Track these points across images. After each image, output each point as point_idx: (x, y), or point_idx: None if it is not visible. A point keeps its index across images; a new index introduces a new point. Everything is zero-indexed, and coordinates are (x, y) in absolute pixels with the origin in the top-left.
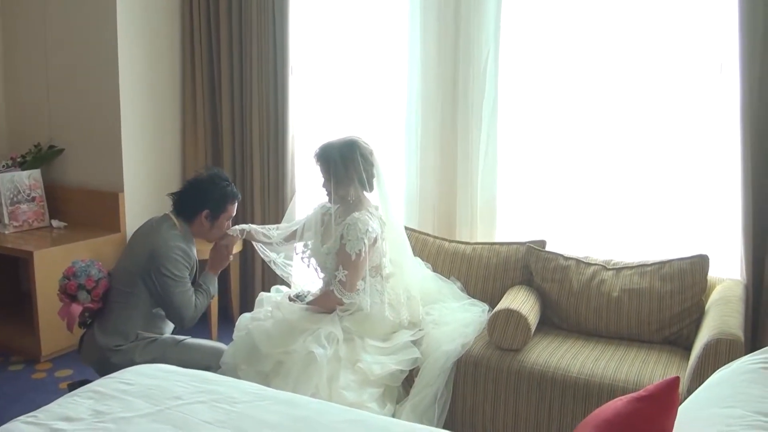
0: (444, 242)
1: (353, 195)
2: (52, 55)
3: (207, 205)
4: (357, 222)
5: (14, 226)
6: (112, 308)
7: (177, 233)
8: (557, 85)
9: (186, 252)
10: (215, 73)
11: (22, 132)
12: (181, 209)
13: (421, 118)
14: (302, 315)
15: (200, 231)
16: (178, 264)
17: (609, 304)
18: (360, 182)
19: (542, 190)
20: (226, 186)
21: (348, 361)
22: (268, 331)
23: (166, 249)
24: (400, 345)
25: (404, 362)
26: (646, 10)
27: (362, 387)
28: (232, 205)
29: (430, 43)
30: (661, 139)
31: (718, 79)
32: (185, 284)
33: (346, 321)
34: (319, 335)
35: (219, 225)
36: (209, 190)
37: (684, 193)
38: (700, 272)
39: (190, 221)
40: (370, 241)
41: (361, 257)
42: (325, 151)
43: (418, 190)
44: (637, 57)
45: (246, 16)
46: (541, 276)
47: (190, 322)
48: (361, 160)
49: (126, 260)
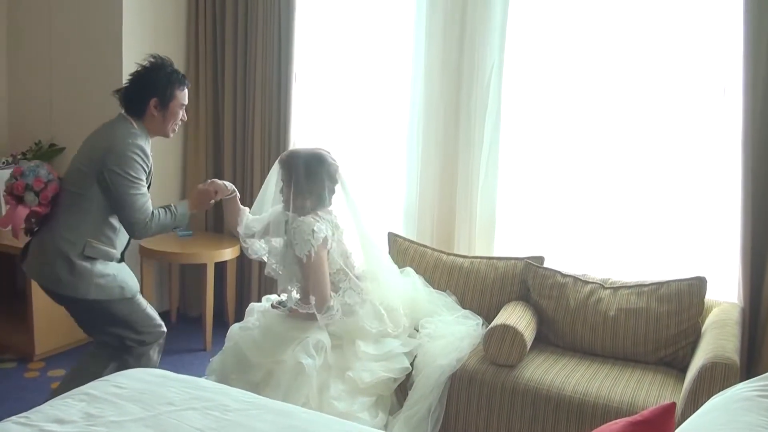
0: (442, 255)
1: (309, 207)
2: (56, 53)
3: (154, 93)
4: (301, 224)
5: None
6: (61, 212)
7: (134, 131)
8: (560, 102)
9: (144, 150)
10: (218, 77)
11: (23, 130)
12: (129, 105)
13: (423, 130)
14: (290, 324)
15: (154, 125)
16: (135, 164)
17: (605, 323)
18: (319, 196)
19: (542, 205)
20: (171, 71)
21: (338, 369)
22: (256, 340)
23: (123, 146)
24: (391, 353)
25: (394, 370)
26: (651, 32)
27: (353, 396)
28: (181, 90)
29: (433, 56)
30: (663, 161)
31: (721, 102)
32: (141, 187)
33: (333, 326)
34: (308, 344)
35: (172, 113)
36: (153, 78)
37: (683, 214)
38: (697, 294)
39: (141, 116)
40: (317, 240)
41: (312, 258)
42: (290, 159)
43: (418, 201)
44: (640, 78)
45: (251, 23)
46: (538, 292)
47: (142, 230)
48: (326, 178)
49: (78, 160)
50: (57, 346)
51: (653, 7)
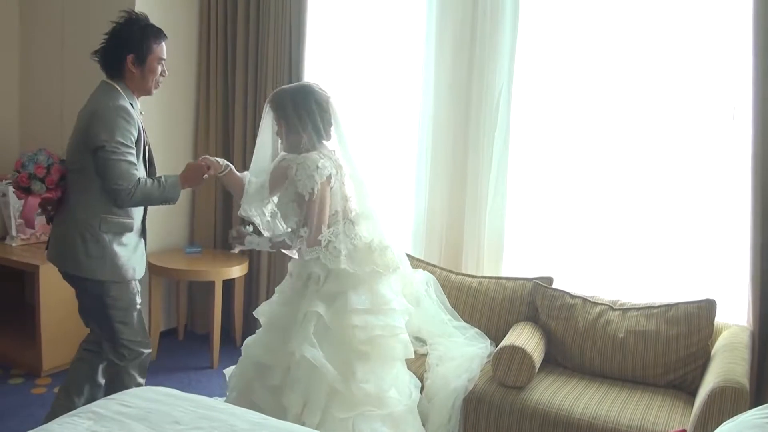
0: (450, 274)
1: (306, 143)
2: (68, 68)
3: (129, 48)
4: (305, 160)
5: (21, 239)
6: (71, 193)
7: (115, 93)
8: (569, 124)
9: (127, 111)
10: (229, 85)
11: (34, 145)
12: (107, 65)
13: (432, 150)
14: (286, 309)
15: (134, 83)
16: (118, 128)
17: (614, 345)
18: (314, 130)
19: (551, 226)
20: (145, 24)
21: (335, 330)
22: (263, 340)
23: (104, 110)
24: (384, 306)
25: (389, 327)
26: (659, 55)
27: (376, 373)
28: (158, 44)
29: (443, 77)
30: (672, 182)
31: (730, 123)
32: (125, 154)
33: (327, 284)
34: (306, 330)
35: (151, 69)
36: (127, 33)
37: (693, 236)
38: (707, 317)
39: (122, 76)
40: (321, 177)
41: (315, 196)
42: (277, 97)
43: (426, 221)
44: (649, 100)
45: (262, 38)
46: (547, 313)
47: (125, 198)
48: (316, 108)
49: (72, 137)
50: (65, 361)
51: (661, 30)
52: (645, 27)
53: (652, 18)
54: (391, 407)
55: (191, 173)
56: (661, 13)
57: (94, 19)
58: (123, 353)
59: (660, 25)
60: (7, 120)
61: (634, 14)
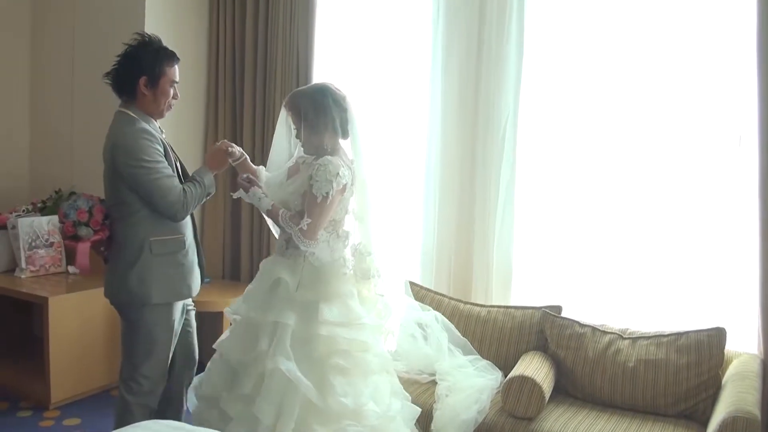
0: (459, 303)
1: (328, 143)
2: (78, 102)
3: (142, 71)
4: (329, 164)
5: (31, 271)
6: (116, 229)
7: (131, 118)
8: (576, 152)
9: (147, 131)
10: (237, 95)
11: (44, 178)
12: (119, 87)
13: (440, 179)
14: (252, 315)
15: (146, 105)
16: (144, 149)
17: (624, 374)
18: (333, 129)
19: (559, 254)
20: (158, 47)
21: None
22: (236, 342)
23: (124, 137)
24: (355, 321)
25: (355, 342)
26: (665, 83)
27: (354, 386)
28: (170, 66)
29: (450, 106)
30: (680, 210)
31: (737, 151)
32: (161, 169)
33: (304, 274)
34: (283, 340)
35: (163, 91)
36: (140, 55)
37: (701, 263)
38: (717, 345)
39: (134, 98)
40: (338, 185)
41: (327, 201)
42: (295, 98)
43: (435, 249)
44: (655, 130)
45: (270, 60)
46: (556, 342)
47: (181, 210)
48: (333, 105)
49: (104, 175)
50: (73, 394)
51: (667, 58)
52: (650, 56)
53: (658, 46)
54: (370, 420)
55: (215, 158)
56: (667, 41)
57: (104, 45)
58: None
59: (666, 54)
60: (17, 150)
61: (640, 42)
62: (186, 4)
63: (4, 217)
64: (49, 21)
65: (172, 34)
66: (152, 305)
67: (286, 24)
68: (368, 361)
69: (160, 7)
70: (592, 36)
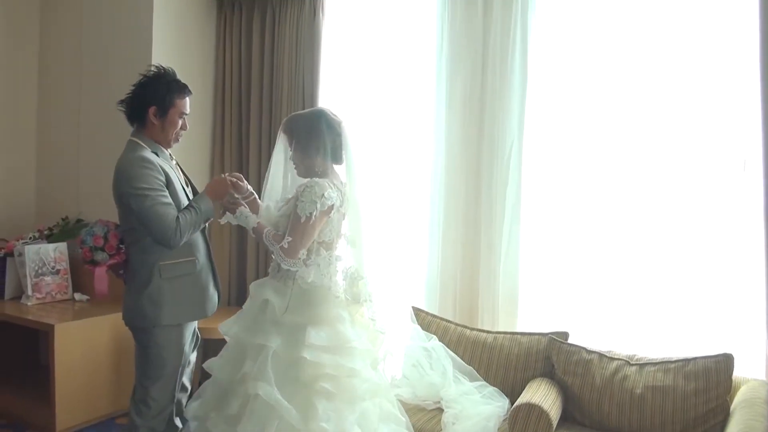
0: (465, 330)
1: (320, 166)
2: (84, 130)
3: (153, 101)
4: (315, 185)
5: (37, 298)
6: (130, 253)
7: (138, 145)
8: (582, 177)
9: (147, 159)
10: (243, 134)
11: (51, 205)
12: (131, 115)
13: (445, 203)
14: (242, 336)
15: (155, 133)
16: (141, 176)
17: (632, 401)
18: (325, 152)
19: (565, 279)
20: (171, 79)
21: (285, 362)
22: (221, 360)
23: (126, 163)
24: (344, 346)
25: (343, 369)
26: (671, 108)
27: (339, 412)
28: (181, 99)
29: (454, 131)
30: (687, 235)
31: (741, 176)
32: (157, 197)
33: (292, 296)
34: (264, 364)
35: (171, 122)
36: (152, 86)
37: (707, 288)
38: (724, 372)
39: (143, 126)
40: (323, 207)
41: (311, 222)
42: (289, 122)
43: (440, 274)
44: (661, 154)
45: (276, 86)
46: (563, 369)
47: (173, 238)
48: (326, 129)
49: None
50: (78, 422)
51: (672, 83)
52: (655, 80)
53: (662, 71)
54: None
55: (216, 185)
56: (672, 66)
57: (111, 75)
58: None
59: (670, 80)
60: (24, 177)
61: (644, 67)
62: (193, 31)
63: (11, 245)
64: (57, 52)
65: (179, 61)
66: (162, 326)
67: (292, 51)
68: (355, 387)
69: (168, 35)
70: (597, 60)
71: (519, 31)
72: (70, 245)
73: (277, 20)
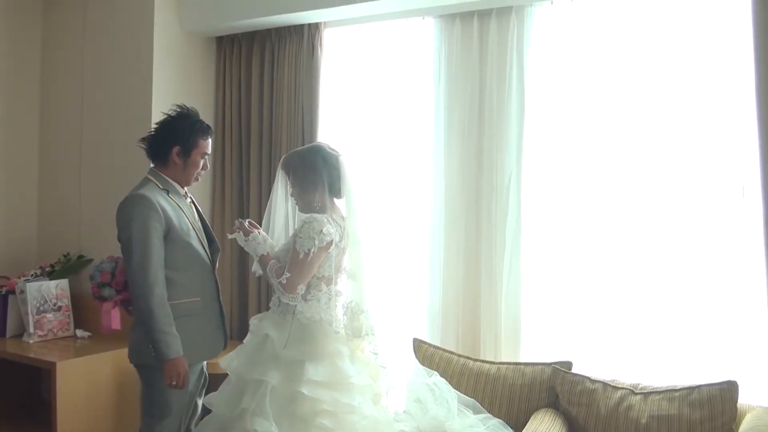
0: (468, 361)
1: (319, 201)
2: (86, 167)
3: (176, 141)
4: (313, 221)
5: (39, 335)
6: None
7: (151, 183)
8: (582, 207)
9: (147, 199)
10: (244, 171)
11: (52, 241)
12: (153, 153)
13: (445, 236)
14: (242, 370)
15: (176, 172)
16: (134, 216)
17: (638, 431)
18: (323, 187)
19: (568, 308)
20: (195, 120)
21: (283, 398)
22: (220, 394)
23: (126, 203)
24: (343, 382)
25: (340, 404)
26: (668, 135)
27: None
28: (204, 140)
29: (453, 163)
30: (688, 263)
31: (740, 202)
32: (137, 249)
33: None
34: (263, 402)
35: (193, 162)
36: (177, 126)
37: (710, 315)
38: (729, 399)
39: (164, 165)
40: (321, 243)
41: (309, 258)
42: (287, 158)
43: (441, 304)
44: (659, 183)
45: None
46: (568, 399)
47: (137, 296)
48: (323, 164)
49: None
50: None
51: (668, 112)
52: (653, 109)
53: (658, 100)
54: None
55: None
56: (667, 94)
57: (112, 111)
58: None
59: (666, 107)
60: (25, 214)
61: (642, 94)
62: (193, 67)
63: (12, 282)
64: (58, 88)
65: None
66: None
67: (291, 85)
68: (354, 423)
69: (168, 72)
70: (593, 88)
71: (515, 62)
72: (71, 282)
73: (276, 56)
